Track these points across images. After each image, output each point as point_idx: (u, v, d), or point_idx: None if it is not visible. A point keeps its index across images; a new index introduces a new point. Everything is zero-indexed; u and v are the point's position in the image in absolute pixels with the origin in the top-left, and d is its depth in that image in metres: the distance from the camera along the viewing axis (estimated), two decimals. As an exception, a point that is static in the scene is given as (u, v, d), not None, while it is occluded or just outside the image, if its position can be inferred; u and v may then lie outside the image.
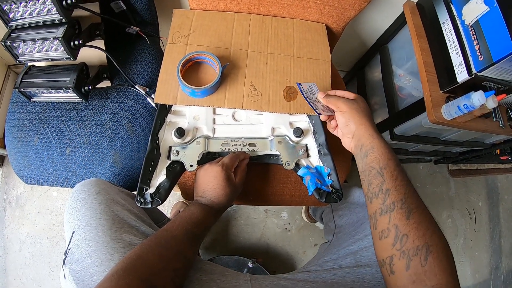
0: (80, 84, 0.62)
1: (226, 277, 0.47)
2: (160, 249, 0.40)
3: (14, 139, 0.69)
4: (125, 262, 0.37)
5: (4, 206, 1.02)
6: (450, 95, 0.68)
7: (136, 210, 0.51)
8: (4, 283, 0.96)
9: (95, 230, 0.42)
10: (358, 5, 0.65)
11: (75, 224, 0.44)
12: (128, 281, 0.35)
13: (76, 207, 0.46)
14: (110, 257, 0.40)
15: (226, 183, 0.49)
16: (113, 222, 0.44)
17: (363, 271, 0.48)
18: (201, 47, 0.59)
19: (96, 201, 0.46)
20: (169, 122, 0.56)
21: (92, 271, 0.40)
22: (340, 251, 0.54)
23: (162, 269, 0.38)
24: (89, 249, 0.41)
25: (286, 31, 0.64)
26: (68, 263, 0.42)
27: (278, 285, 0.48)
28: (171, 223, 0.45)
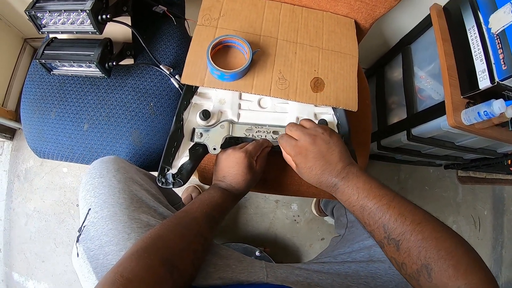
0: (104, 59, 0.58)
1: (242, 263, 0.45)
2: (181, 230, 0.37)
3: (30, 112, 0.65)
4: (146, 242, 0.35)
5: (12, 179, 0.98)
6: (470, 100, 0.66)
7: (154, 191, 0.48)
8: (8, 257, 0.92)
9: (112, 208, 0.39)
10: (388, 3, 0.62)
11: (92, 201, 0.41)
12: (149, 261, 0.32)
13: (93, 184, 0.42)
14: (127, 236, 0.37)
15: (247, 170, 0.46)
16: (131, 201, 0.41)
17: (377, 266, 0.46)
18: (231, 31, 0.56)
19: (115, 179, 0.43)
20: (194, 104, 0.53)
21: (108, 250, 0.37)
22: (354, 245, 0.52)
23: (182, 249, 0.36)
24: (106, 227, 0.38)
25: (315, 22, 0.61)
26: (83, 240, 0.39)
27: (293, 274, 0.45)
28: (191, 205, 0.42)
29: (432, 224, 0.35)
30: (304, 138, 0.43)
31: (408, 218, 0.36)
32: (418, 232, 0.35)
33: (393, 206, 0.37)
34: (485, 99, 0.61)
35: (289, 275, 0.45)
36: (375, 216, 0.37)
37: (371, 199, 0.38)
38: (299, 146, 0.44)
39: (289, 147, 0.45)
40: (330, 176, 0.42)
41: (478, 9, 0.64)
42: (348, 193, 0.40)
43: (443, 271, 0.32)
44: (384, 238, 0.37)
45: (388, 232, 0.36)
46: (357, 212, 0.40)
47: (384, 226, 0.37)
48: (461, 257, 0.32)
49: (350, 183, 0.40)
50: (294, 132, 0.46)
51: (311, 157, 0.42)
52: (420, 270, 0.33)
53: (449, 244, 0.33)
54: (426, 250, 0.33)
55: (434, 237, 0.34)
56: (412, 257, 0.34)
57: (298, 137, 0.45)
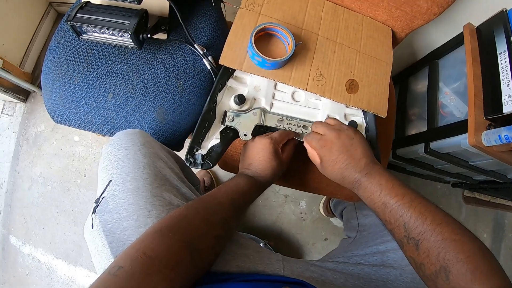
0: (139, 30, 0.54)
1: (259, 254, 0.42)
2: (207, 214, 0.35)
3: (52, 75, 0.60)
4: (170, 221, 0.32)
5: (21, 142, 0.92)
6: (491, 123, 0.64)
7: (177, 170, 0.44)
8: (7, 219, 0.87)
9: (135, 182, 0.36)
10: (427, 16, 0.60)
11: (114, 173, 0.37)
12: (173, 241, 0.30)
13: (117, 155, 0.39)
14: (148, 213, 0.34)
15: (273, 156, 0.44)
16: (155, 177, 0.37)
17: (388, 271, 0.45)
18: (273, 19, 0.53)
19: (140, 153, 0.39)
20: (229, 87, 0.49)
21: (126, 225, 0.34)
22: (367, 248, 0.50)
23: (206, 234, 0.33)
24: (126, 201, 0.35)
25: (355, 25, 0.58)
26: (100, 212, 0.35)
27: (309, 270, 0.44)
28: (217, 190, 0.39)
29: (452, 225, 0.34)
30: (329, 133, 0.43)
31: (429, 218, 0.34)
32: (438, 232, 0.33)
33: (415, 205, 0.36)
34: (507, 124, 0.59)
35: (304, 271, 0.43)
36: (396, 214, 0.36)
37: (393, 196, 0.37)
38: (324, 139, 0.43)
39: (314, 141, 0.44)
40: (353, 171, 0.41)
41: (511, 35, 0.62)
42: (371, 190, 0.39)
43: (461, 274, 0.31)
44: (404, 236, 0.36)
45: (408, 231, 0.35)
46: (379, 209, 0.38)
47: (405, 225, 0.35)
48: (480, 261, 0.31)
49: (373, 179, 0.39)
50: (320, 128, 0.45)
51: (335, 150, 0.42)
52: (438, 271, 0.32)
53: (469, 247, 0.32)
54: (445, 252, 0.32)
55: (454, 239, 0.33)
56: (431, 258, 0.33)
57: (323, 132, 0.44)
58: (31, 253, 0.87)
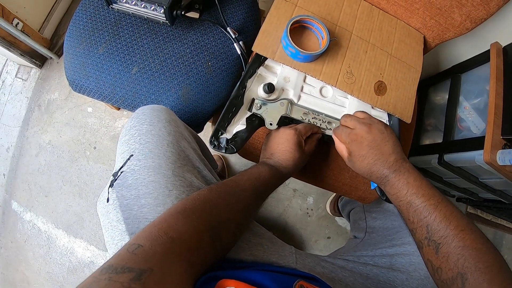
0: (174, 6, 0.53)
1: (274, 245, 0.42)
2: (230, 199, 0.34)
3: (76, 42, 0.59)
4: (194, 203, 0.31)
5: (33, 107, 0.91)
6: (507, 143, 0.64)
7: (200, 151, 0.43)
8: (10, 184, 0.86)
9: (158, 160, 0.35)
10: (459, 30, 0.60)
11: (136, 148, 0.36)
12: (197, 224, 0.29)
13: (141, 130, 0.37)
14: (168, 193, 0.33)
15: (296, 147, 0.43)
16: (178, 157, 0.36)
17: (395, 275, 0.45)
18: (309, 12, 0.52)
19: (165, 130, 0.38)
20: (259, 75, 0.49)
21: (144, 202, 0.33)
22: (376, 250, 0.51)
23: (228, 219, 0.32)
24: (147, 178, 0.34)
25: (389, 28, 0.58)
26: (117, 186, 0.34)
27: (320, 265, 0.44)
28: (239, 177, 0.38)
29: (475, 234, 0.34)
30: (359, 127, 0.42)
31: (453, 223, 0.34)
32: (460, 239, 0.33)
33: (440, 208, 0.35)
34: (522, 144, 0.60)
35: (316, 266, 0.43)
36: (420, 215, 0.36)
37: (419, 196, 0.37)
38: (354, 133, 0.42)
39: (344, 135, 0.43)
40: (382, 167, 0.40)
41: (538, 58, 0.62)
42: (398, 187, 0.38)
43: (478, 284, 0.30)
44: (425, 238, 0.35)
45: (431, 233, 0.35)
46: (403, 207, 0.38)
47: (428, 226, 0.35)
48: (497, 273, 0.31)
49: (401, 177, 0.39)
50: (350, 122, 0.44)
51: (365, 144, 0.41)
52: (455, 278, 0.32)
53: (488, 257, 0.32)
54: (465, 259, 0.32)
55: (475, 247, 0.32)
56: (449, 263, 0.33)
57: (353, 126, 0.43)
58: (31, 220, 0.86)
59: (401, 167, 0.39)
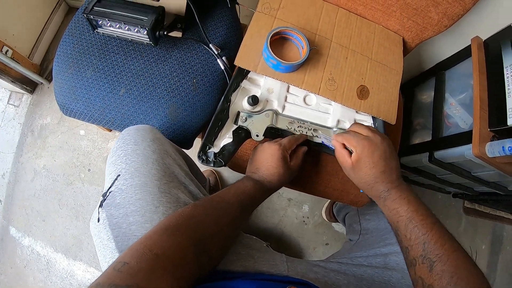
0: (156, 27, 0.55)
1: (264, 255, 0.43)
2: (216, 213, 0.35)
3: (65, 66, 0.61)
4: (178, 219, 0.32)
5: (26, 133, 0.92)
6: (495, 135, 0.66)
7: (185, 167, 0.44)
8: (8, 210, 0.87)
9: (144, 178, 0.36)
10: (437, 28, 0.62)
11: (123, 168, 0.37)
12: (181, 240, 0.30)
13: (126, 150, 0.39)
14: (155, 209, 0.34)
15: (281, 162, 0.44)
16: (163, 174, 0.38)
17: (390, 274, 0.45)
18: (289, 24, 0.54)
19: (150, 148, 0.39)
20: (243, 88, 0.51)
21: (132, 220, 0.34)
22: (370, 250, 0.51)
23: (215, 234, 0.33)
24: (134, 196, 0.35)
25: (368, 33, 0.60)
26: (107, 206, 0.36)
27: (312, 271, 0.44)
28: (225, 191, 0.40)
29: (466, 256, 0.35)
30: (373, 135, 0.43)
31: (448, 243, 0.36)
32: (453, 258, 0.34)
33: (436, 227, 0.37)
34: (510, 135, 0.61)
35: (308, 271, 0.44)
36: (418, 232, 0.37)
37: (419, 214, 0.38)
38: (369, 140, 0.42)
39: (356, 140, 0.43)
40: (386, 180, 0.41)
41: (518, 49, 0.64)
42: (400, 202, 0.39)
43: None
44: (420, 256, 0.36)
45: (426, 251, 0.36)
46: (402, 223, 0.39)
47: (425, 244, 0.36)
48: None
49: (402, 193, 0.40)
50: (363, 130, 0.44)
51: (377, 154, 0.41)
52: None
53: (477, 279, 0.33)
54: (457, 278, 0.33)
55: (466, 268, 0.34)
56: (442, 282, 0.33)
57: (366, 133, 0.44)
58: (30, 245, 0.86)
59: (401, 184, 0.41)
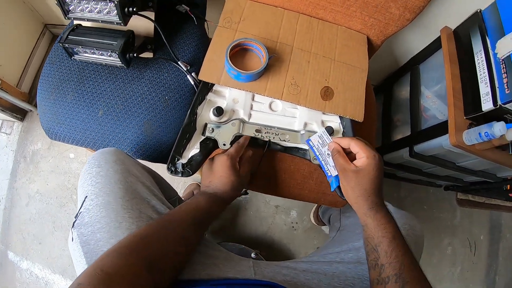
0: (126, 50, 0.60)
1: (230, 262, 0.46)
2: (166, 232, 0.38)
3: (47, 93, 0.66)
4: (129, 240, 0.36)
5: (19, 159, 0.99)
6: (473, 122, 0.68)
7: (149, 184, 0.49)
8: (5, 236, 0.93)
9: (107, 197, 0.41)
10: (400, 23, 0.65)
11: (89, 190, 0.42)
12: (130, 258, 0.33)
13: (91, 173, 0.44)
14: (118, 225, 0.39)
15: (231, 171, 0.47)
16: (126, 191, 0.42)
17: (363, 268, 0.47)
18: (250, 35, 0.58)
19: (112, 169, 0.44)
20: (209, 100, 0.55)
21: (99, 236, 0.38)
22: (343, 245, 0.53)
23: (165, 252, 0.37)
24: (99, 214, 0.40)
25: (330, 35, 0.63)
26: (77, 226, 0.40)
27: (280, 274, 0.46)
28: (178, 209, 0.43)
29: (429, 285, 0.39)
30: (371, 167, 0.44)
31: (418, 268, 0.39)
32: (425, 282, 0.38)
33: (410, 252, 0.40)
34: (488, 121, 0.62)
35: (276, 274, 0.46)
36: (400, 250, 0.39)
37: (399, 232, 0.41)
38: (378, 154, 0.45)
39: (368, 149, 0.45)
40: (379, 195, 0.44)
41: (486, 35, 0.66)
42: (388, 219, 0.42)
43: None
44: (395, 275, 0.38)
45: (402, 271, 0.38)
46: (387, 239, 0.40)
47: (402, 264, 0.38)
48: None
49: (386, 210, 0.43)
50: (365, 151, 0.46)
51: (380, 168, 0.44)
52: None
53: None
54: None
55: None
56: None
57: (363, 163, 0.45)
58: (28, 268, 0.91)
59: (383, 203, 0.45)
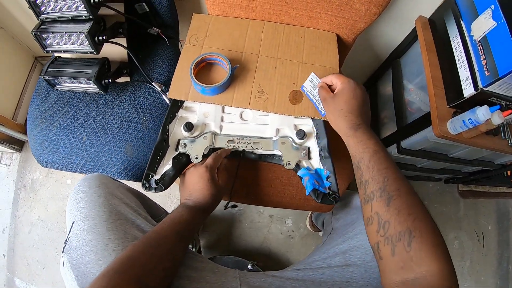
0: (101, 77, 0.67)
1: (216, 274, 0.49)
2: (151, 249, 0.42)
3: (35, 124, 0.75)
4: (116, 263, 0.39)
5: (19, 189, 1.09)
6: (457, 110, 0.69)
7: (134, 204, 0.54)
8: (11, 263, 1.02)
9: (93, 221, 0.45)
10: (368, 18, 0.68)
11: (76, 215, 0.47)
12: (120, 280, 0.37)
13: (77, 199, 0.49)
14: (105, 247, 0.43)
15: (210, 183, 0.51)
16: (110, 214, 0.47)
17: (352, 270, 0.49)
18: (215, 49, 0.64)
19: (96, 194, 0.49)
20: (180, 117, 0.60)
21: (88, 259, 0.42)
22: (329, 250, 0.55)
23: (153, 268, 0.40)
24: (86, 238, 0.44)
25: (297, 38, 0.68)
26: (67, 251, 0.45)
27: (266, 282, 0.49)
28: (161, 225, 0.47)
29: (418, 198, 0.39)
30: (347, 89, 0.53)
31: (404, 182, 0.40)
32: (412, 195, 0.38)
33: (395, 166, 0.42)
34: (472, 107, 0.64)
35: (262, 284, 0.49)
36: (382, 164, 0.42)
37: (383, 150, 0.44)
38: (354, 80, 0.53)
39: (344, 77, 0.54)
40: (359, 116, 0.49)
41: (460, 18, 0.68)
42: (368, 136, 0.46)
43: (425, 244, 0.34)
44: (379, 189, 0.40)
45: (386, 184, 0.39)
46: (367, 154, 0.44)
47: (385, 177, 0.40)
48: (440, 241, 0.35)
49: (371, 132, 0.47)
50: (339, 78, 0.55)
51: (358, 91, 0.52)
52: (403, 233, 0.35)
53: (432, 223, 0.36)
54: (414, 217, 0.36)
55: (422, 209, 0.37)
56: (399, 217, 0.36)
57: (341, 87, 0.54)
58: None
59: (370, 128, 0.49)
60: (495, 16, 0.58)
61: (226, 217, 1.03)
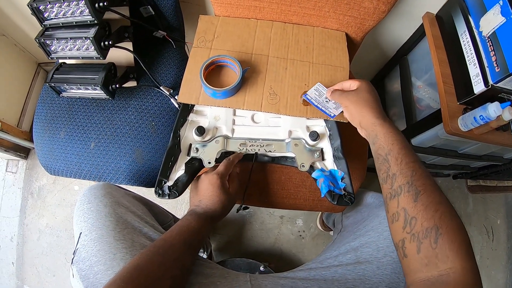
0: (108, 82, 0.65)
1: (226, 279, 0.48)
2: (159, 258, 0.41)
3: (41, 131, 0.72)
4: (123, 272, 0.38)
5: (26, 196, 1.06)
6: (468, 106, 0.67)
7: (140, 212, 0.53)
8: (20, 271, 1.00)
9: (100, 231, 0.44)
10: (376, 16, 0.66)
11: (82, 226, 0.46)
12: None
13: (83, 209, 0.48)
14: (113, 256, 0.42)
15: (221, 190, 0.49)
16: (116, 223, 0.46)
17: (364, 267, 0.47)
18: (224, 51, 0.61)
19: (102, 203, 0.48)
20: (191, 121, 0.58)
21: (97, 270, 0.42)
22: (340, 247, 0.54)
23: (160, 277, 0.39)
24: (94, 248, 0.43)
25: (306, 38, 0.66)
26: (76, 262, 0.44)
27: (278, 284, 0.48)
28: (169, 233, 0.45)
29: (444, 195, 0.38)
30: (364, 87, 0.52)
31: (430, 176, 0.39)
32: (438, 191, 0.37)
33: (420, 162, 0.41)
34: (482, 104, 0.62)
35: (274, 286, 0.47)
36: (410, 158, 0.40)
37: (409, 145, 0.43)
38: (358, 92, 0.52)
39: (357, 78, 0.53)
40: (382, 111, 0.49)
41: (468, 14, 0.66)
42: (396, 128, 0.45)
43: (451, 242, 0.33)
44: (407, 183, 0.38)
45: (414, 178, 0.38)
46: (397, 146, 0.42)
47: (414, 171, 0.38)
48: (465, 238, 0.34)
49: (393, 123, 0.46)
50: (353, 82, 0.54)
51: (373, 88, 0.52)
52: (430, 230, 0.34)
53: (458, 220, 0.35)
54: (441, 213, 0.34)
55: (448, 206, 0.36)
56: (427, 213, 0.35)
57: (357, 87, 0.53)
58: (46, 302, 0.97)
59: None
60: (504, 12, 0.57)
61: (237, 220, 1.02)
